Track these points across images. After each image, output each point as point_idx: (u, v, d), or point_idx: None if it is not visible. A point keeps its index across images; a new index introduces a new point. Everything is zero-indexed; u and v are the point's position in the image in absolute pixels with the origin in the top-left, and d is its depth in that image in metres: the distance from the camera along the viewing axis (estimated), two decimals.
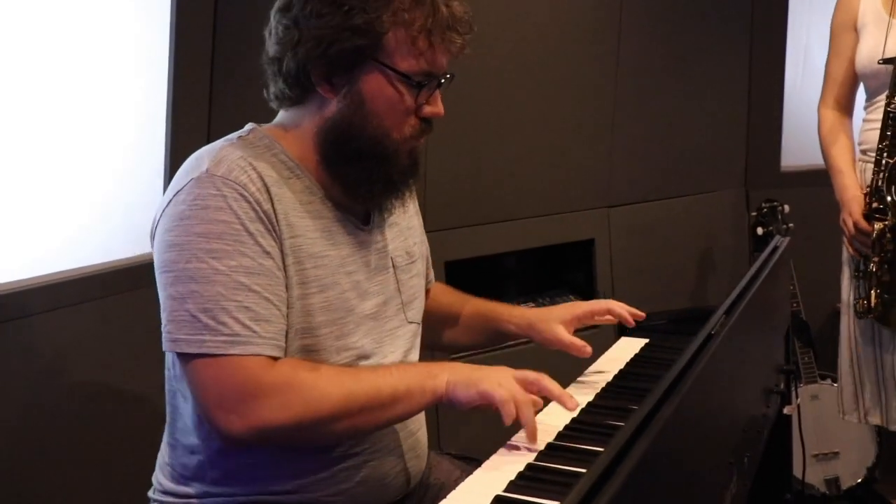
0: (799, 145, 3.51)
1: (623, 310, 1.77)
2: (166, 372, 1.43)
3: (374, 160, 1.40)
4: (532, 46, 2.92)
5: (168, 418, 1.47)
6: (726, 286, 3.26)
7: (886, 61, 2.30)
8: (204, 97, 2.31)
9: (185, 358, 1.29)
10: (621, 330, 2.86)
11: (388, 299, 1.52)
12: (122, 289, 2.17)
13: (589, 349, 1.68)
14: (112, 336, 2.16)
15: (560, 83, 3.01)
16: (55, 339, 2.04)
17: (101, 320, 2.14)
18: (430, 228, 2.73)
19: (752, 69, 3.52)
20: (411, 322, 1.59)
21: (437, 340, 1.82)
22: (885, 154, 2.31)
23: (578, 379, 1.75)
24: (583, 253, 3.23)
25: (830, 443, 3.15)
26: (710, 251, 3.54)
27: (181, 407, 1.42)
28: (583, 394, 1.59)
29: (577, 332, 1.76)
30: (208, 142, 2.27)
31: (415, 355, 1.61)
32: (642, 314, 1.75)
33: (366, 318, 1.46)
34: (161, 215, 1.34)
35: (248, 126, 1.46)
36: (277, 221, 1.34)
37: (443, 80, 1.42)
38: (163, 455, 1.50)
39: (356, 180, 1.42)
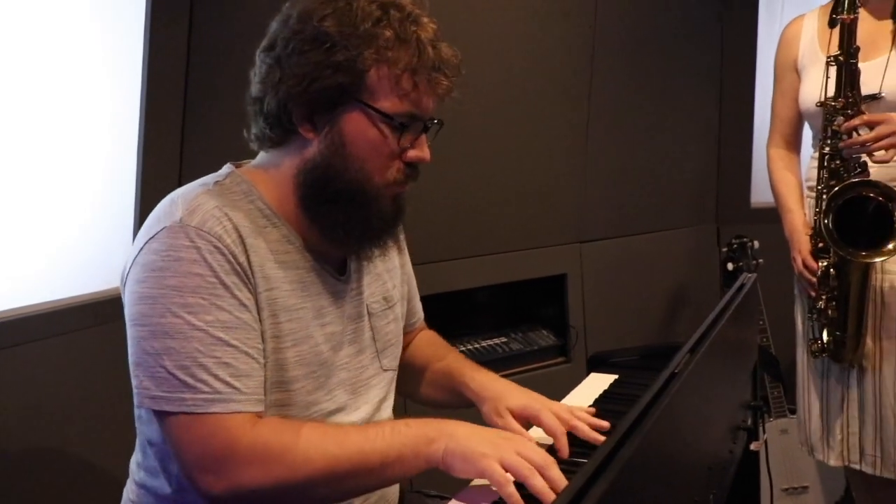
0: (768, 182, 3.55)
1: (565, 447, 1.46)
2: (135, 411, 1.40)
3: (354, 204, 1.36)
4: (505, 83, 2.95)
5: (137, 457, 1.44)
6: (697, 321, 3.28)
7: (821, 104, 2.33)
8: (176, 133, 2.32)
9: (162, 414, 1.25)
10: (591, 365, 2.89)
11: (362, 348, 1.50)
12: (90, 323, 2.15)
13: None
14: (79, 371, 2.14)
15: (533, 120, 3.04)
16: (22, 373, 2.02)
17: (68, 355, 2.12)
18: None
19: (723, 107, 3.58)
20: (386, 370, 1.56)
21: (411, 392, 1.76)
22: (823, 195, 2.34)
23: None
24: (555, 288, 3.25)
25: (800, 477, 3.16)
26: (681, 286, 3.56)
27: (149, 452, 1.40)
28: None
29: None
30: (180, 176, 2.31)
31: (389, 403, 1.58)
32: (606, 425, 1.52)
33: (339, 370, 1.44)
34: (132, 263, 1.30)
35: (226, 168, 1.43)
36: (253, 273, 1.31)
37: (429, 124, 1.39)
38: (128, 492, 1.48)
39: (333, 223, 1.38)
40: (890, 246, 2.22)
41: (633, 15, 3.22)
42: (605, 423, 1.52)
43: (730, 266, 3.26)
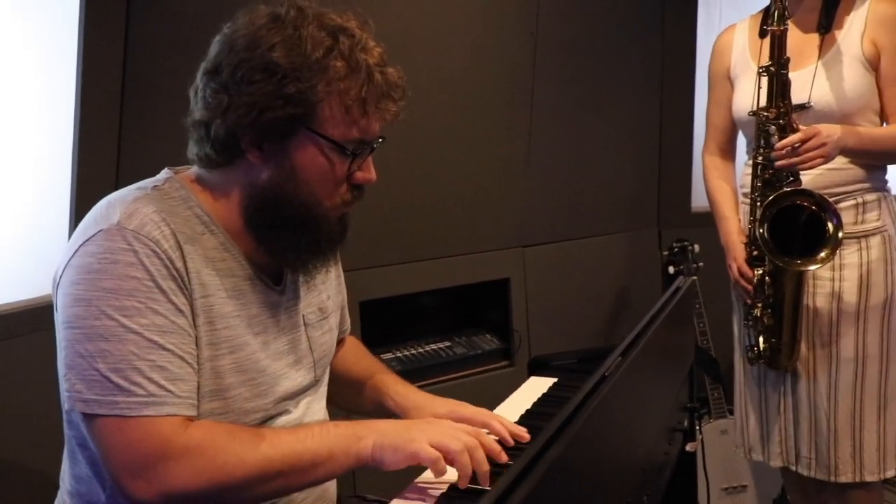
0: None
1: (504, 430, 1.53)
2: (65, 416, 1.38)
3: (303, 228, 1.37)
4: (448, 88, 2.96)
5: (67, 465, 1.42)
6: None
7: (753, 113, 2.38)
8: (112, 138, 2.28)
9: (93, 418, 1.24)
10: (531, 368, 2.91)
11: (299, 358, 1.50)
12: (25, 331, 2.11)
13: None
14: (13, 379, 2.10)
15: (475, 124, 3.05)
16: None
17: (1, 362, 2.08)
18: (345, 268, 2.76)
19: (663, 112, 3.62)
20: (320, 379, 1.58)
21: (337, 400, 1.77)
22: (758, 204, 2.38)
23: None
24: (498, 292, 3.26)
25: (739, 476, 3.21)
26: (623, 290, 3.60)
27: (80, 458, 1.38)
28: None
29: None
30: (116, 181, 2.28)
31: (323, 412, 1.60)
32: (526, 436, 1.53)
33: (277, 379, 1.44)
34: (66, 266, 1.29)
35: (165, 173, 1.42)
36: (189, 280, 1.31)
37: (375, 146, 1.41)
38: (60, 503, 1.46)
39: (283, 247, 1.39)
40: (823, 254, 2.26)
41: (575, 21, 3.25)
42: (525, 436, 1.54)
43: (671, 269, 3.31)
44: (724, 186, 2.67)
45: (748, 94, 2.42)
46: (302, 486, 1.34)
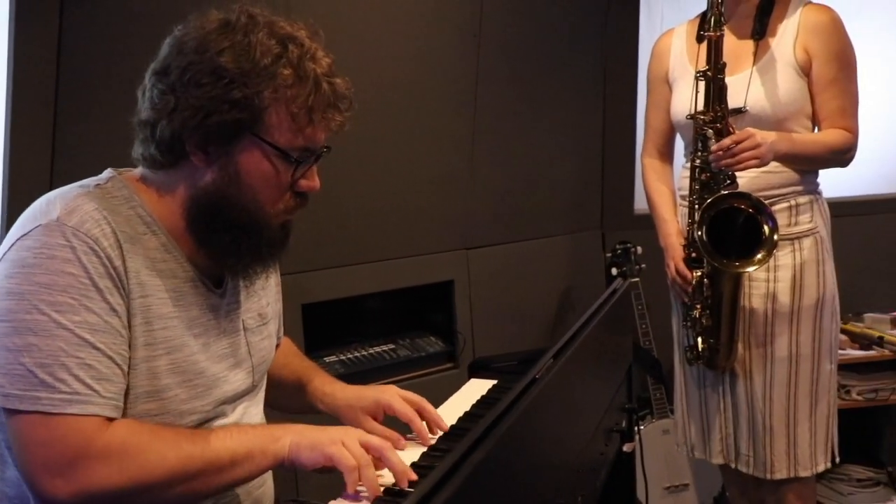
0: None
1: (419, 425, 1.60)
2: None
3: (245, 233, 1.38)
4: (391, 92, 2.95)
5: None
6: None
7: (691, 117, 2.40)
8: (46, 136, 2.24)
9: (13, 414, 1.22)
10: (471, 370, 2.91)
11: (238, 362, 1.50)
12: None
13: (403, 443, 1.57)
14: None
15: (419, 127, 3.05)
16: None
17: None
18: (286, 271, 2.74)
19: (606, 116, 3.66)
20: (257, 385, 1.58)
21: (271, 402, 1.75)
22: (696, 206, 2.41)
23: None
24: (442, 294, 3.26)
25: (681, 475, 3.25)
26: (567, 291, 3.62)
27: (9, 460, 1.36)
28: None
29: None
30: (51, 182, 2.23)
31: (260, 416, 1.60)
32: (445, 426, 1.62)
33: (215, 382, 1.43)
34: (1, 259, 1.28)
35: (108, 173, 1.42)
36: (128, 279, 1.30)
37: (320, 154, 1.42)
38: None
39: (224, 251, 1.39)
40: (759, 256, 2.30)
41: (518, 24, 3.27)
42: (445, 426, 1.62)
43: (614, 271, 3.34)
44: (662, 188, 2.70)
45: (686, 98, 2.45)
46: (221, 486, 1.33)
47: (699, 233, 2.36)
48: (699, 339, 2.50)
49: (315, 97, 1.34)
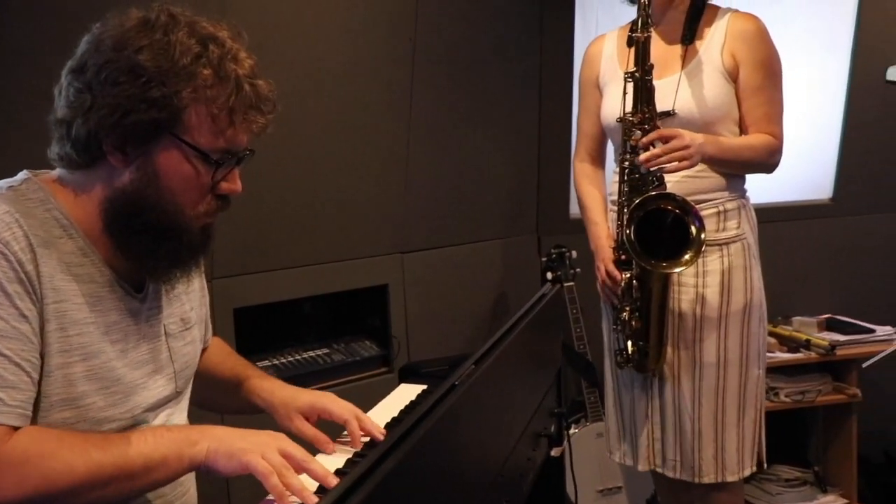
0: None
1: (356, 427, 1.59)
2: None
3: (164, 236, 1.35)
4: (326, 94, 2.94)
5: None
6: None
7: (620, 120, 2.43)
8: None
9: None
10: (402, 375, 2.91)
11: (158, 368, 1.48)
12: None
13: (332, 446, 1.57)
14: None
15: (354, 130, 3.04)
16: None
17: None
18: (218, 275, 2.72)
19: (542, 120, 3.67)
20: (181, 391, 1.56)
21: (202, 401, 1.75)
22: (625, 208, 2.42)
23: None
24: (377, 298, 3.25)
25: (614, 478, 3.28)
26: (503, 296, 3.63)
27: None
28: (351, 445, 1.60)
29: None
30: None
31: (183, 422, 1.57)
32: (380, 437, 1.58)
33: (135, 388, 1.41)
34: None
35: (23, 175, 1.38)
36: (41, 284, 1.27)
37: (242, 157, 1.40)
38: None
39: (142, 254, 1.37)
40: (686, 257, 2.32)
41: (453, 27, 3.26)
42: (379, 436, 1.58)
43: (549, 275, 3.36)
44: (593, 192, 2.71)
45: (616, 102, 2.47)
46: (134, 491, 1.31)
47: (627, 232, 2.37)
48: (629, 343, 2.51)
49: (236, 98, 1.33)
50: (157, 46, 1.29)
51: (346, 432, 1.62)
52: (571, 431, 3.35)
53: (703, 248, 2.35)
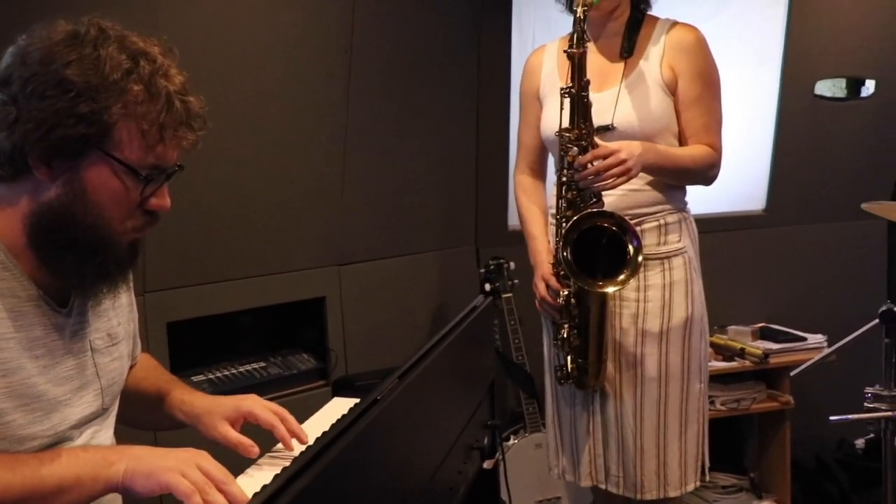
0: None
1: (284, 431, 1.60)
2: None
3: (91, 251, 1.34)
4: (261, 105, 2.92)
5: None
6: None
7: (558, 133, 2.39)
8: None
9: None
10: (336, 388, 2.90)
11: (84, 384, 1.45)
12: None
13: (255, 449, 1.56)
14: None
15: (288, 142, 3.02)
16: None
17: None
18: (150, 289, 2.68)
19: (480, 131, 3.68)
20: (108, 408, 1.53)
21: (127, 418, 1.71)
22: (563, 223, 2.39)
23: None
24: (314, 311, 3.23)
25: (553, 488, 3.30)
26: (441, 307, 3.63)
27: None
28: (282, 458, 1.59)
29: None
30: None
31: (110, 440, 1.55)
32: (305, 439, 1.61)
33: (58, 405, 1.38)
34: None
35: None
36: None
37: (171, 173, 1.38)
38: None
39: (68, 269, 1.35)
40: (622, 276, 2.30)
41: (390, 39, 3.26)
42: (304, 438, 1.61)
43: (487, 287, 3.37)
44: (532, 206, 2.69)
45: (555, 115, 2.43)
46: None
47: (564, 253, 2.35)
48: (569, 359, 2.48)
49: (167, 115, 1.32)
50: (86, 61, 1.28)
51: (276, 447, 1.61)
52: (511, 442, 3.36)
53: (645, 263, 2.36)
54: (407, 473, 1.35)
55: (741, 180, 3.85)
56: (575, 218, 2.35)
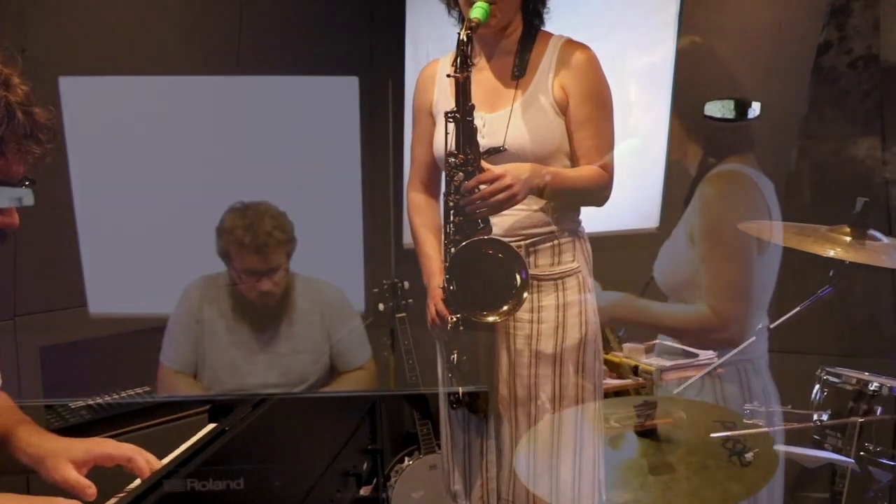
0: None
1: (144, 463, 1.55)
2: None
3: None
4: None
5: None
6: None
7: (448, 155, 2.32)
8: None
9: None
10: (212, 415, 2.80)
11: None
12: None
13: (92, 491, 1.50)
14: None
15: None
16: None
17: None
18: (22, 311, 2.56)
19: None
20: None
21: None
22: (451, 248, 2.33)
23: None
24: None
25: None
26: None
27: None
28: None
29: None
30: None
31: None
32: (158, 465, 1.55)
33: None
34: None
35: None
36: None
37: (20, 187, 1.31)
38: None
39: None
40: (506, 308, 2.26)
41: (278, 58, 3.22)
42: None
43: (381, 306, 3.32)
44: (424, 226, 2.60)
45: (442, 138, 2.37)
46: None
47: (448, 285, 2.29)
48: (460, 386, 2.42)
49: (7, 127, 1.24)
50: None
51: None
52: (405, 463, 3.31)
53: (538, 284, 2.33)
54: (266, 502, 1.29)
55: (635, 198, 3.89)
56: (462, 245, 2.28)
